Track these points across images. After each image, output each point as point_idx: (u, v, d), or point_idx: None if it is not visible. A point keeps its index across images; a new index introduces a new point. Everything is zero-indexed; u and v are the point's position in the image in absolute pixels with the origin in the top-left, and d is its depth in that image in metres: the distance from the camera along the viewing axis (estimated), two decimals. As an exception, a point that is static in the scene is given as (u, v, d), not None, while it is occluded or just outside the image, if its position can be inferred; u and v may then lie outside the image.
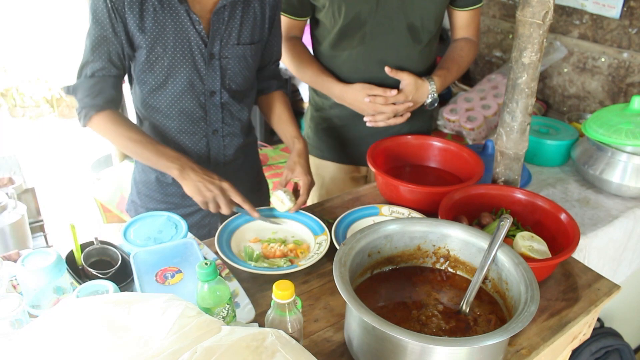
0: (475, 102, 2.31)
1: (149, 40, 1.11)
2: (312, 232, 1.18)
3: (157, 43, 1.12)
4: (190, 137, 1.25)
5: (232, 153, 1.32)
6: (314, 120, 1.59)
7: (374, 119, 1.39)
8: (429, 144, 1.44)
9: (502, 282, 0.89)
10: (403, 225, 0.95)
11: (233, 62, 1.21)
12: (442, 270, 0.97)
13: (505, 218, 0.92)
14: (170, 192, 1.31)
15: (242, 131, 1.33)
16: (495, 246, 0.89)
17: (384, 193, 1.34)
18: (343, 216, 1.20)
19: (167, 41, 1.13)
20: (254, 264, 1.07)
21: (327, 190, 1.63)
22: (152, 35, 1.11)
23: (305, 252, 1.12)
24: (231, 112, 1.28)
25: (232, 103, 1.26)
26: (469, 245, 0.94)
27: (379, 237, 0.93)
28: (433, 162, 1.44)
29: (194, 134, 1.25)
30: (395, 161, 1.43)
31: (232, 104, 1.26)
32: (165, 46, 1.13)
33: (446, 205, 1.14)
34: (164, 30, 1.12)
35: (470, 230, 0.94)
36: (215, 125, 1.26)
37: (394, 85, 1.37)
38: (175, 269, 0.92)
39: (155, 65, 1.14)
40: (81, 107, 1.16)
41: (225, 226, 1.16)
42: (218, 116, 1.26)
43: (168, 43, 1.13)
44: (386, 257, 0.96)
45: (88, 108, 1.15)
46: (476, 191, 1.21)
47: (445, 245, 0.96)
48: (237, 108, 1.28)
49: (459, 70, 1.45)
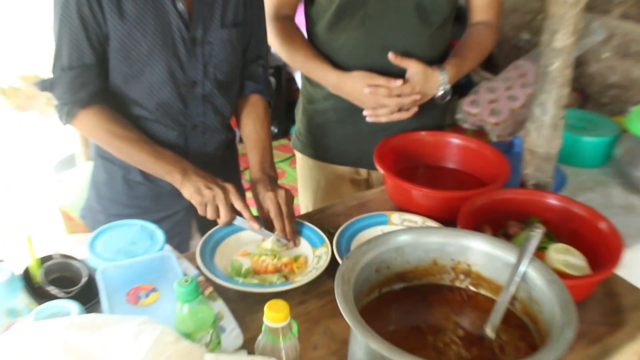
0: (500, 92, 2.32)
1: (127, 23, 1.12)
2: (310, 243, 1.18)
3: (136, 27, 1.13)
4: (168, 132, 1.26)
5: (212, 151, 1.33)
6: (306, 114, 1.59)
7: (374, 113, 1.39)
8: (446, 142, 1.44)
9: (533, 302, 0.89)
10: (416, 236, 0.95)
11: (218, 48, 1.22)
12: (463, 288, 0.97)
13: (536, 228, 0.92)
14: (139, 193, 1.32)
15: (223, 126, 1.34)
16: (525, 261, 0.89)
17: (394, 198, 1.34)
18: (346, 225, 1.20)
19: (147, 25, 1.13)
20: (243, 281, 1.07)
21: (323, 196, 1.64)
22: (131, 18, 1.12)
23: (302, 267, 1.13)
24: (214, 105, 1.29)
25: (216, 95, 1.27)
26: (494, 259, 0.94)
27: (389, 250, 0.93)
28: (451, 162, 1.44)
29: (172, 129, 1.26)
30: (406, 161, 1.43)
31: (215, 96, 1.27)
32: (145, 31, 1.14)
33: (467, 212, 1.14)
34: (144, 13, 1.13)
35: (495, 242, 0.94)
36: (196, 119, 1.28)
37: (399, 74, 1.37)
38: (150, 287, 0.92)
39: (132, 52, 1.15)
40: (62, 104, 1.16)
41: (209, 237, 1.16)
42: (199, 110, 1.27)
43: (148, 27, 1.14)
44: (397, 273, 0.96)
45: (71, 105, 1.15)
46: (501, 196, 1.21)
47: (465, 259, 0.96)
48: (220, 101, 1.29)
49: (476, 59, 1.45)
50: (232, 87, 1.32)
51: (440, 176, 1.42)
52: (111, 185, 1.32)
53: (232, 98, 1.33)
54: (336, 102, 1.49)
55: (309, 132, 1.60)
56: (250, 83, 1.37)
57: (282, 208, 1.18)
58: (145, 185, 1.30)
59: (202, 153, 1.31)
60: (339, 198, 1.47)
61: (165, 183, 1.27)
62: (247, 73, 1.36)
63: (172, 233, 1.34)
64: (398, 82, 1.34)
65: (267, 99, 1.39)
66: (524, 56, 2.50)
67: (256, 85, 1.37)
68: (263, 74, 1.39)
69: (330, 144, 1.57)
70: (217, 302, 0.99)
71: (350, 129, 1.53)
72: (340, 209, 1.35)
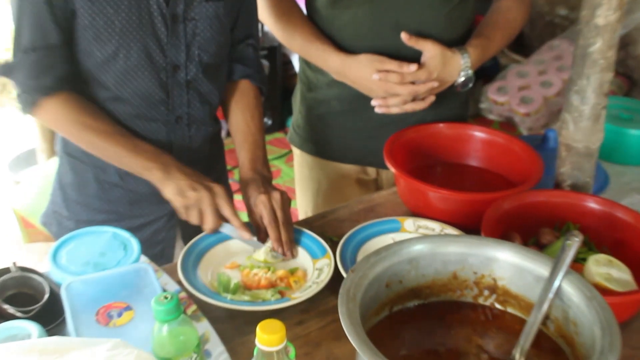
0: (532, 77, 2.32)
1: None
2: (310, 254, 1.18)
3: (107, 1, 1.13)
4: (147, 125, 1.26)
5: (198, 147, 1.34)
6: (305, 104, 1.59)
7: (385, 103, 1.40)
8: (469, 135, 1.44)
9: (570, 323, 0.89)
10: (434, 245, 0.95)
11: (203, 25, 1.23)
12: (487, 306, 0.98)
13: (573, 236, 0.92)
14: (113, 197, 1.32)
15: (211, 118, 1.35)
16: (560, 274, 0.89)
17: (407, 201, 1.35)
18: (352, 233, 1.21)
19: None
20: (231, 298, 1.07)
21: (325, 199, 1.65)
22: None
23: (300, 282, 1.13)
24: (200, 93, 1.29)
25: (201, 81, 1.28)
26: (524, 272, 0.94)
27: (401, 262, 0.94)
28: (474, 159, 1.45)
29: (152, 121, 1.26)
30: (422, 158, 1.44)
31: (201, 82, 1.28)
32: (118, 6, 1.14)
33: (492, 218, 1.14)
34: None
35: (525, 252, 0.94)
36: (179, 110, 1.28)
37: (414, 58, 1.37)
38: (123, 305, 0.92)
39: (103, 31, 1.15)
40: (22, 91, 1.17)
41: (192, 247, 1.16)
42: (182, 99, 1.27)
43: (121, 1, 1.14)
44: (411, 288, 0.96)
45: (33, 92, 1.16)
46: (533, 199, 1.21)
47: (490, 272, 0.96)
48: (208, 88, 1.30)
49: (504, 39, 1.45)
50: (219, 71, 1.32)
51: (461, 176, 1.42)
52: (80, 187, 1.32)
53: (220, 84, 1.33)
54: (340, 89, 1.48)
55: (309, 125, 1.60)
56: (238, 66, 1.37)
57: (276, 213, 1.18)
58: (121, 187, 1.31)
59: (187, 150, 1.32)
60: (343, 201, 1.47)
61: (143, 185, 1.28)
62: (235, 55, 1.37)
63: (152, 242, 1.36)
64: (412, 67, 1.34)
65: (259, 86, 1.40)
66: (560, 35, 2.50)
67: (246, 69, 1.37)
68: (254, 56, 1.39)
69: (333, 139, 1.58)
70: (202, 323, 0.99)
71: (356, 121, 1.53)
72: (345, 214, 1.35)
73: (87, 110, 1.18)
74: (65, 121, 1.18)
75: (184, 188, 1.13)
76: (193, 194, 1.13)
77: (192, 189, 1.13)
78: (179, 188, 1.13)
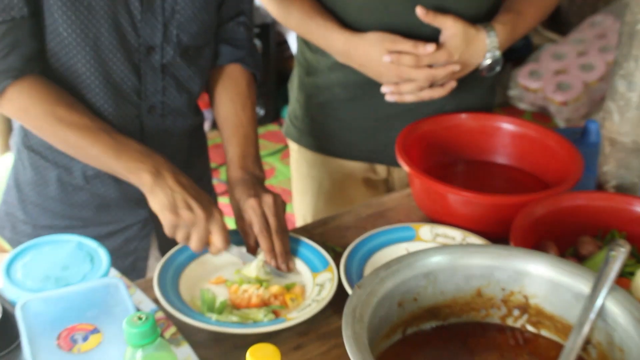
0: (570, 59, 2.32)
1: None
2: (310, 267, 1.19)
3: None
4: (116, 116, 1.26)
5: (176, 141, 1.34)
6: (304, 91, 1.59)
7: (397, 90, 1.39)
8: (495, 128, 1.44)
9: (615, 349, 0.89)
10: (454, 257, 0.95)
11: (184, 0, 1.23)
12: (518, 328, 0.98)
13: (619, 246, 0.92)
14: (77, 200, 1.32)
15: (190, 108, 1.35)
16: (603, 291, 0.89)
17: (423, 205, 1.35)
18: (358, 242, 1.21)
19: None
20: (217, 318, 1.07)
21: (327, 202, 1.64)
22: None
23: (298, 299, 1.13)
24: (177, 79, 1.29)
25: (180, 65, 1.28)
26: (560, 289, 0.94)
27: (416, 276, 0.93)
28: (502, 156, 1.44)
29: (121, 111, 1.26)
30: (440, 155, 1.43)
31: (179, 66, 1.28)
32: None
33: (523, 225, 1.14)
34: None
35: (562, 265, 0.94)
36: (153, 99, 1.28)
37: (431, 36, 1.37)
38: (89, 328, 0.92)
39: (70, 5, 1.15)
40: None
41: (170, 258, 1.16)
42: (157, 85, 1.27)
43: None
44: (427, 307, 0.96)
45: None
46: (571, 203, 1.21)
47: (521, 289, 0.96)
48: (187, 74, 1.30)
49: (537, 14, 1.45)
50: (202, 54, 1.32)
51: (486, 175, 1.42)
52: (40, 186, 1.32)
53: (202, 70, 1.33)
54: (344, 74, 1.48)
55: (308, 115, 1.60)
56: (228, 49, 1.37)
57: (269, 220, 1.18)
58: (87, 191, 1.31)
59: (161, 144, 1.31)
60: (348, 205, 1.47)
61: (113, 190, 1.28)
62: (223, 35, 1.37)
63: (122, 253, 1.36)
64: (429, 48, 1.34)
65: (252, 71, 1.40)
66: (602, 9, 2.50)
67: (236, 52, 1.37)
68: (245, 36, 1.39)
69: (336, 131, 1.57)
70: (183, 347, 0.99)
71: (363, 111, 1.52)
72: (350, 220, 1.35)
73: (61, 99, 1.17)
74: (34, 113, 1.16)
75: (177, 203, 1.11)
76: (187, 214, 1.11)
77: (187, 208, 1.11)
78: (172, 202, 1.12)
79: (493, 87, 1.61)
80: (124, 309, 0.93)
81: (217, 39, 1.36)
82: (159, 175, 1.13)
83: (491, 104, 1.61)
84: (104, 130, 1.16)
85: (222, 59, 1.37)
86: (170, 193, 1.12)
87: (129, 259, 1.37)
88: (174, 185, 1.13)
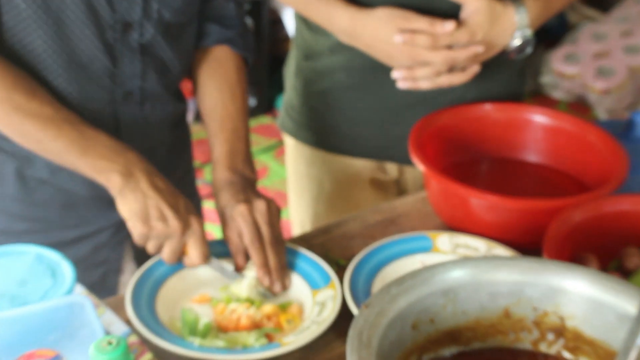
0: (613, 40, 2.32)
1: None
2: (309, 283, 1.18)
3: None
4: (84, 103, 1.26)
5: (156, 132, 1.35)
6: (302, 77, 1.60)
7: (410, 75, 1.39)
8: (526, 121, 1.44)
9: (665, 378, 0.89)
10: (477, 271, 0.95)
11: None
12: (552, 355, 0.97)
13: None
14: (40, 198, 1.31)
15: (171, 93, 1.35)
16: (652, 311, 0.89)
17: (440, 211, 1.35)
18: (366, 254, 1.21)
19: None
20: (200, 343, 1.06)
21: (328, 207, 1.65)
22: None
23: (295, 321, 1.12)
24: (158, 61, 1.29)
25: (160, 46, 1.28)
26: (602, 309, 0.93)
27: (434, 294, 0.93)
28: (533, 153, 1.44)
29: (91, 97, 1.26)
30: (461, 152, 1.43)
31: (159, 47, 1.28)
32: None
33: (558, 233, 1.13)
34: None
35: (604, 280, 0.93)
36: (130, 84, 1.28)
37: (450, 13, 1.38)
38: (51, 354, 0.90)
39: None
40: None
41: (147, 273, 1.16)
42: (135, 68, 1.27)
43: None
44: (446, 330, 0.95)
45: None
46: (614, 208, 1.21)
47: (556, 308, 0.96)
48: (168, 55, 1.30)
49: None
50: (185, 33, 1.32)
51: (515, 176, 1.41)
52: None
53: (184, 50, 1.34)
54: (349, 57, 1.48)
55: (306, 105, 1.60)
56: (215, 28, 1.37)
57: (262, 229, 1.18)
58: (51, 185, 1.30)
59: (139, 136, 1.32)
60: (353, 210, 1.46)
61: (82, 185, 1.28)
62: (210, 12, 1.37)
63: (90, 263, 1.35)
64: (448, 26, 1.34)
65: (242, 53, 1.40)
66: (651, -18, 2.50)
67: (225, 32, 1.37)
68: (235, 14, 1.39)
69: (339, 124, 1.58)
70: (159, 377, 0.99)
71: (371, 100, 1.52)
72: (356, 227, 1.35)
73: (19, 84, 1.17)
74: None
75: (150, 211, 1.11)
76: (160, 225, 1.11)
77: (161, 218, 1.12)
78: (143, 210, 1.11)
79: (523, 73, 1.61)
80: (90, 332, 0.92)
81: (203, 17, 1.36)
82: (130, 176, 1.13)
83: (520, 93, 1.61)
84: (68, 121, 1.16)
85: (209, 39, 1.37)
86: (142, 199, 1.12)
87: (98, 271, 1.36)
88: (147, 190, 1.13)
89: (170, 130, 1.39)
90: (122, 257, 1.40)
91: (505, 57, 1.43)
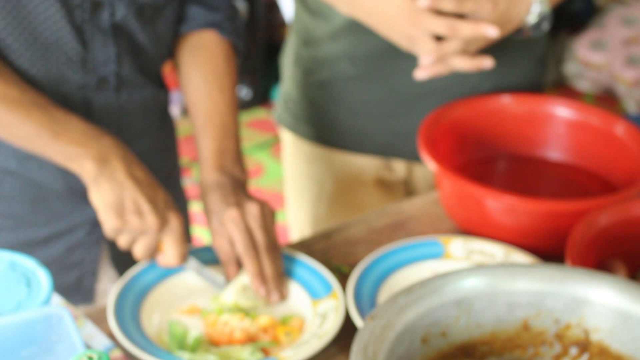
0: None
1: None
2: (309, 293, 1.19)
3: None
4: (55, 87, 1.25)
5: (135, 125, 1.35)
6: (300, 66, 1.60)
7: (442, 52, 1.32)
8: (547, 114, 1.45)
9: None
10: (494, 280, 0.95)
11: None
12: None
13: None
14: (7, 191, 1.32)
15: (150, 78, 1.36)
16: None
17: (453, 213, 1.35)
18: (371, 261, 1.21)
19: None
20: (190, 358, 1.07)
21: (330, 209, 1.66)
22: None
23: (293, 334, 1.13)
24: (131, 43, 1.29)
25: (135, 27, 1.27)
26: (630, 321, 0.93)
27: (445, 305, 0.93)
28: (555, 150, 1.45)
29: (61, 81, 1.26)
30: (476, 149, 1.45)
31: (134, 28, 1.27)
32: None
33: (583, 238, 1.14)
34: None
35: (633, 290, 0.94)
36: (104, 69, 1.28)
37: None
38: (26, 373, 0.90)
39: None
40: None
41: (132, 281, 1.16)
42: (108, 51, 1.27)
43: None
44: (459, 344, 0.95)
45: None
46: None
47: (580, 320, 0.95)
48: (144, 37, 1.29)
49: None
50: (163, 14, 1.31)
51: (535, 175, 1.43)
52: None
53: (162, 34, 1.33)
54: (353, 44, 1.49)
55: (306, 97, 1.60)
56: (199, 10, 1.36)
57: (255, 235, 1.19)
58: (19, 176, 1.30)
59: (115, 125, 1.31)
60: (357, 212, 1.49)
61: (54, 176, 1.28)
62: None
63: (64, 265, 1.35)
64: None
65: (231, 39, 1.39)
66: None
67: (211, 15, 1.37)
68: None
69: (341, 117, 1.58)
70: (144, 399, 0.99)
71: (376, 91, 1.53)
72: (361, 231, 1.35)
73: None
74: None
75: (125, 204, 1.13)
76: (135, 220, 1.13)
77: (137, 212, 1.13)
78: (118, 201, 1.13)
79: (544, 61, 1.61)
80: (69, 346, 0.92)
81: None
82: (106, 163, 1.14)
83: (541, 83, 1.61)
84: (37, 104, 1.17)
85: (193, 23, 1.36)
86: (118, 189, 1.13)
87: (73, 273, 1.36)
88: (124, 179, 1.14)
89: (151, 121, 1.39)
90: (98, 258, 1.39)
91: (522, 44, 1.43)
